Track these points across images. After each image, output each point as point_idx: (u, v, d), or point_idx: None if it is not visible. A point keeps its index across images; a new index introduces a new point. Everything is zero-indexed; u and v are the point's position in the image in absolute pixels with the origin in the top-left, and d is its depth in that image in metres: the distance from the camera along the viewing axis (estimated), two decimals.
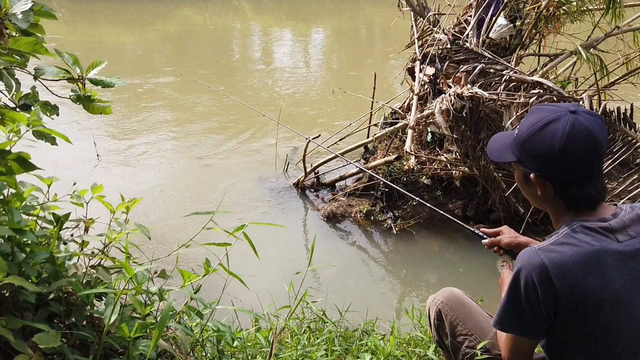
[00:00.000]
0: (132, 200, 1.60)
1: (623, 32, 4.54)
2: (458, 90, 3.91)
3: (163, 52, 11.17)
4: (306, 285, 2.27)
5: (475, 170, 4.11)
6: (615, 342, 1.24)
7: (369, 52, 11.44)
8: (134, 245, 1.59)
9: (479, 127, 3.98)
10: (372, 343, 2.19)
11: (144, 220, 4.17)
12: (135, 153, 5.72)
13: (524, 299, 1.25)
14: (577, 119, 1.25)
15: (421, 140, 4.56)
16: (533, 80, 4.05)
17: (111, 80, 1.62)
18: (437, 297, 1.79)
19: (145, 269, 1.43)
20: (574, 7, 4.49)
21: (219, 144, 6.03)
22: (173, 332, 1.53)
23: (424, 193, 4.41)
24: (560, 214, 1.33)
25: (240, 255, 1.67)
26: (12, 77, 1.52)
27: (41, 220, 1.44)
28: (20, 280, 1.15)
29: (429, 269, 3.98)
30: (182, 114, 6.95)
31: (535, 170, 1.32)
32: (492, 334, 1.62)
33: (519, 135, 1.34)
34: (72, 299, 1.39)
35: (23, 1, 1.47)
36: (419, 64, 4.67)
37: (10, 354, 1.18)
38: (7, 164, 1.27)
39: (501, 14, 4.67)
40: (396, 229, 4.23)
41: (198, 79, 7.66)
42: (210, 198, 4.76)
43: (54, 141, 1.54)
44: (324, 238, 4.21)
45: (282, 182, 5.06)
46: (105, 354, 1.37)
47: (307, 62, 10.41)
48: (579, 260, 1.21)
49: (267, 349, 2.01)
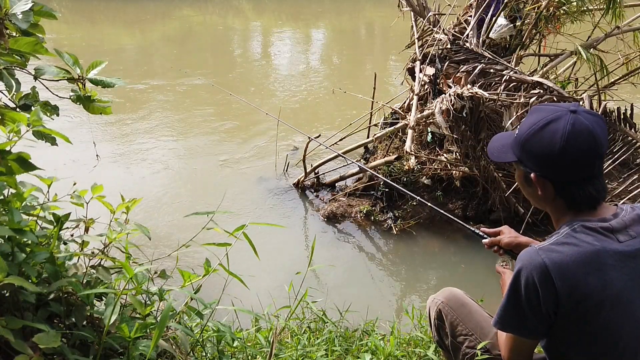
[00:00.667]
0: (132, 201, 1.60)
1: (623, 32, 4.54)
2: (458, 90, 3.91)
3: (163, 52, 11.17)
4: (306, 285, 2.27)
5: (475, 170, 4.10)
6: (616, 342, 1.24)
7: (369, 53, 11.45)
8: (134, 245, 1.59)
9: (479, 127, 3.98)
10: (372, 343, 2.19)
11: (144, 221, 4.16)
12: (135, 153, 5.72)
13: (525, 299, 1.25)
14: (578, 118, 1.25)
15: (421, 140, 4.56)
16: (533, 80, 4.05)
17: (111, 80, 1.62)
18: (438, 297, 1.79)
19: (145, 269, 1.43)
20: (574, 7, 4.49)
21: (219, 143, 6.03)
22: (173, 332, 1.53)
23: (424, 193, 4.41)
24: (561, 214, 1.33)
25: (240, 256, 1.67)
26: (12, 77, 1.52)
27: (41, 220, 1.44)
28: (20, 281, 1.15)
29: (429, 269, 3.97)
30: (182, 114, 6.95)
31: (535, 170, 1.32)
32: (492, 334, 1.62)
33: (520, 135, 1.34)
34: (72, 299, 1.39)
35: (23, 1, 1.47)
36: (419, 64, 4.67)
37: (11, 354, 1.18)
38: (7, 164, 1.27)
39: (501, 14, 4.67)
40: (396, 229, 4.23)
41: (199, 77, 7.68)
42: (210, 198, 4.76)
43: (54, 141, 1.54)
44: (324, 238, 4.21)
45: (282, 182, 5.05)
46: (105, 354, 1.37)
47: (307, 62, 10.41)
48: (579, 260, 1.21)
49: (267, 349, 2.01)
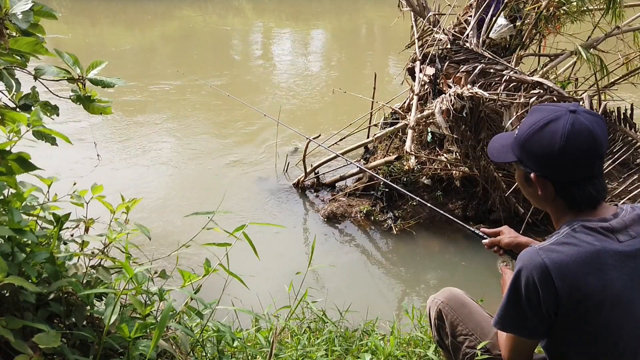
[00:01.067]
0: (132, 201, 1.60)
1: (623, 32, 4.54)
2: (458, 90, 3.91)
3: (163, 52, 11.17)
4: (306, 285, 2.27)
5: (475, 170, 4.10)
6: (616, 342, 1.24)
7: (369, 52, 11.44)
8: (134, 245, 1.59)
9: (479, 127, 3.98)
10: (372, 343, 2.19)
11: (144, 220, 4.16)
12: (135, 153, 5.72)
13: (525, 299, 1.25)
14: (577, 118, 1.25)
15: (421, 140, 4.57)
16: (533, 80, 4.05)
17: (111, 80, 1.62)
18: (438, 297, 1.79)
19: (145, 269, 1.43)
20: (574, 7, 4.49)
21: (219, 143, 6.03)
22: (173, 332, 1.53)
23: (424, 193, 4.41)
24: (561, 214, 1.33)
25: (240, 256, 1.67)
26: (13, 77, 1.52)
27: (41, 220, 1.44)
28: (20, 281, 1.15)
29: (429, 269, 3.98)
30: (182, 114, 6.95)
31: (535, 170, 1.32)
32: (492, 334, 1.62)
33: (519, 135, 1.34)
34: (72, 299, 1.39)
35: (23, 1, 1.47)
36: (419, 64, 4.67)
37: (11, 354, 1.18)
38: (7, 164, 1.27)
39: (501, 14, 4.67)
40: (396, 229, 4.23)
41: (199, 78, 7.67)
42: (210, 198, 4.76)
43: (54, 141, 1.54)
44: (324, 238, 4.21)
45: (283, 182, 5.05)
46: (105, 354, 1.37)
47: (307, 62, 10.41)
48: (579, 260, 1.21)
49: (267, 349, 2.01)
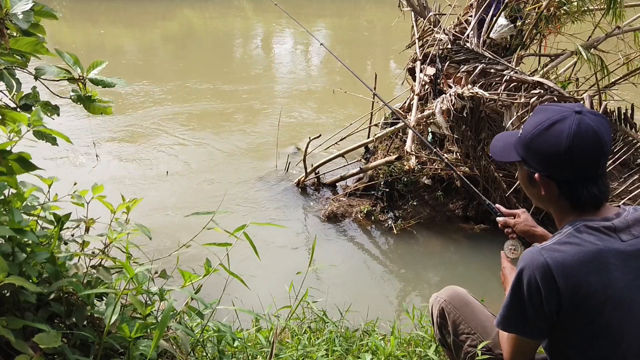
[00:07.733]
0: (132, 200, 1.59)
1: (624, 32, 4.53)
2: (459, 90, 3.91)
3: (164, 52, 11.17)
4: (307, 285, 2.27)
5: (475, 170, 4.10)
6: (618, 342, 1.24)
7: (370, 53, 11.44)
8: (134, 245, 1.58)
9: (480, 127, 3.98)
10: (372, 343, 2.19)
11: (145, 220, 4.16)
12: (135, 153, 5.71)
13: (527, 299, 1.25)
14: (583, 119, 1.25)
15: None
16: (534, 80, 4.04)
17: (112, 80, 1.62)
18: (440, 295, 1.79)
19: (145, 269, 1.43)
20: (575, 7, 4.48)
21: (219, 144, 6.02)
22: (174, 332, 1.53)
23: (425, 193, 4.41)
24: (564, 214, 1.33)
25: (241, 255, 1.66)
26: (13, 77, 1.52)
27: (42, 220, 1.44)
28: (20, 281, 1.15)
29: (429, 269, 3.97)
30: (182, 114, 6.95)
31: (540, 170, 1.32)
32: (494, 334, 1.61)
33: (524, 135, 1.34)
34: (73, 299, 1.39)
35: (24, 1, 1.47)
36: (420, 64, 4.67)
37: (11, 354, 1.18)
38: (7, 164, 1.27)
39: (502, 14, 4.66)
40: (397, 229, 4.23)
41: (199, 78, 7.68)
42: (210, 198, 4.76)
43: (55, 141, 1.54)
44: (324, 238, 4.21)
45: (283, 182, 5.05)
46: (105, 354, 1.37)
47: (308, 62, 10.41)
48: (582, 259, 1.21)
49: (268, 349, 2.01)
